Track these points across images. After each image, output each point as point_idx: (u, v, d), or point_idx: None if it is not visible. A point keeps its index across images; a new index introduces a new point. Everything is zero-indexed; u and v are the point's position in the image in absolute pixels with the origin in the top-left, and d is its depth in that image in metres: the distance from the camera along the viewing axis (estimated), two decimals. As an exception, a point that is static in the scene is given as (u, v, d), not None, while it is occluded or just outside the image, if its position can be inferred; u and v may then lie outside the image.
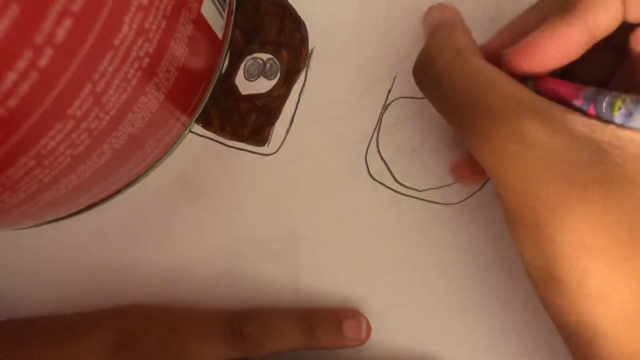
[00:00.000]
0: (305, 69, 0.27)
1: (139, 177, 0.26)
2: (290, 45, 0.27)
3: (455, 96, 0.18)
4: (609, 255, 0.15)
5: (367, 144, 0.26)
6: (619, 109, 0.15)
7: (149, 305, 0.25)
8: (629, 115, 0.15)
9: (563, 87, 0.17)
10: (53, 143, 0.17)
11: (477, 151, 0.17)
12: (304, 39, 0.27)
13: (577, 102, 0.16)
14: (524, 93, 0.16)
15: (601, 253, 0.15)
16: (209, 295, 0.26)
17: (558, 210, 0.15)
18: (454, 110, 0.18)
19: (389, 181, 0.26)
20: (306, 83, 0.27)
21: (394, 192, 0.26)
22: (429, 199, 0.26)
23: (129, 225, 0.27)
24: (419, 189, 0.26)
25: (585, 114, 0.16)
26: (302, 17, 0.27)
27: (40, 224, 0.26)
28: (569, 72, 0.19)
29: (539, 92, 0.17)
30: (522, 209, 0.16)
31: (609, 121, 0.16)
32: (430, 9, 0.21)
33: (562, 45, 0.17)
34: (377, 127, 0.26)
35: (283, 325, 0.23)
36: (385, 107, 0.26)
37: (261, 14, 0.27)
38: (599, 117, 0.16)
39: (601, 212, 0.15)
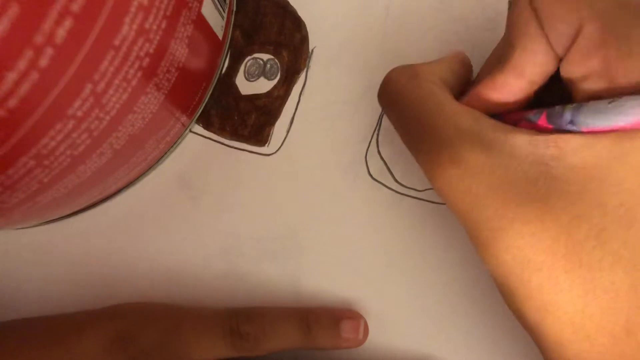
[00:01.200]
0: (305, 69, 0.27)
1: (139, 177, 0.26)
2: (291, 46, 0.27)
3: (406, 118, 0.18)
4: (550, 269, 0.15)
5: (367, 144, 0.26)
6: (571, 105, 0.15)
7: (147, 303, 0.25)
8: (579, 107, 0.15)
9: (523, 112, 0.17)
10: (53, 143, 0.17)
11: (426, 173, 0.18)
12: (304, 39, 0.27)
13: (531, 113, 0.17)
14: (467, 117, 0.17)
15: (542, 268, 0.15)
16: (209, 295, 0.26)
17: (498, 231, 0.16)
18: (405, 131, 0.19)
19: (389, 181, 0.26)
20: (306, 83, 0.27)
21: (394, 192, 0.26)
22: (429, 199, 0.26)
23: (129, 225, 0.27)
24: (419, 189, 0.26)
25: (534, 127, 0.16)
26: (302, 17, 0.27)
27: (41, 224, 0.27)
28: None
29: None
30: (470, 229, 0.17)
31: (557, 126, 0.16)
32: None
33: (503, 94, 0.18)
34: (378, 127, 0.26)
35: (281, 325, 0.23)
36: (385, 107, 0.26)
37: (261, 14, 0.27)
38: (549, 118, 0.16)
39: (539, 228, 0.15)
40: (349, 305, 0.25)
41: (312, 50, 0.27)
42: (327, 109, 0.26)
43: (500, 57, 0.18)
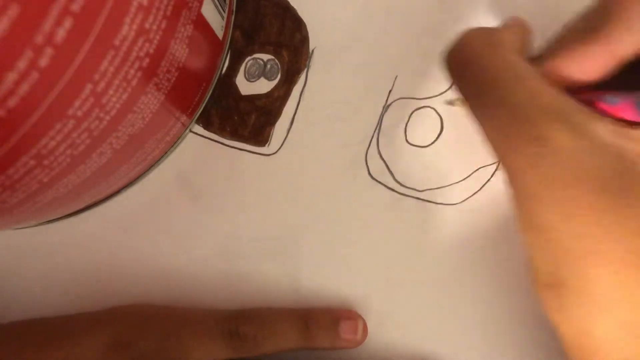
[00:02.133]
0: (305, 69, 0.27)
1: (139, 177, 0.26)
2: (291, 46, 0.27)
3: (480, 86, 0.18)
4: (617, 263, 0.15)
5: (368, 144, 0.26)
6: None
7: (146, 305, 0.25)
8: None
9: (599, 92, 0.17)
10: (53, 143, 0.17)
11: (496, 147, 0.17)
12: (304, 39, 0.27)
13: (609, 94, 0.16)
14: (550, 95, 0.16)
15: (609, 261, 0.15)
16: (209, 295, 0.26)
17: (570, 216, 0.15)
18: (475, 100, 0.18)
19: (389, 181, 0.26)
20: (307, 83, 0.27)
21: (394, 192, 0.26)
22: (429, 199, 0.26)
23: (129, 225, 0.27)
24: (419, 189, 0.26)
25: (613, 111, 0.16)
26: (303, 17, 0.27)
27: (41, 224, 0.27)
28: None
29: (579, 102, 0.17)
30: (535, 211, 0.16)
31: None
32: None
33: (583, 65, 0.17)
34: (378, 127, 0.26)
35: (280, 325, 0.23)
36: (386, 108, 0.26)
37: (261, 14, 0.27)
38: (634, 104, 0.15)
39: (614, 220, 0.15)
40: (348, 305, 0.25)
41: (313, 51, 0.27)
42: (328, 109, 0.26)
43: (588, 28, 0.17)
